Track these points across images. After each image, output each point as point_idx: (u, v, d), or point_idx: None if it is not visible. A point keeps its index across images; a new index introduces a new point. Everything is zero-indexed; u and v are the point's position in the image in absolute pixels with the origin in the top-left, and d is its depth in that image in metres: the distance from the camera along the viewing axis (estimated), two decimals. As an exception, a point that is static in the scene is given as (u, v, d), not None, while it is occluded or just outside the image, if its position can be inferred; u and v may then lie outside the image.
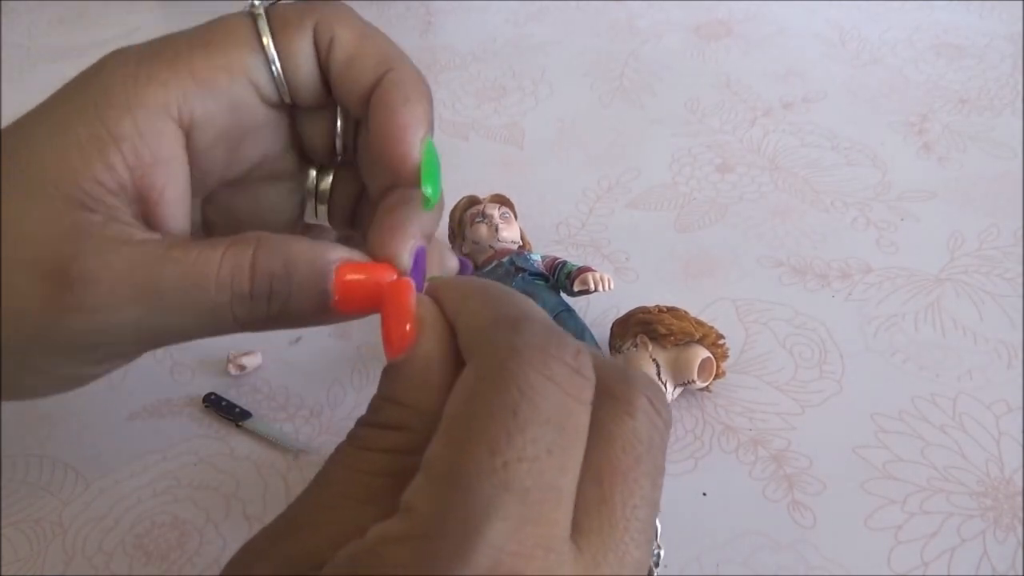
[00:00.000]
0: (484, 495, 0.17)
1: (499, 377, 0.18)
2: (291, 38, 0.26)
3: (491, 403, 0.18)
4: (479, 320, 0.20)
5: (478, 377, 0.18)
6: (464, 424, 0.18)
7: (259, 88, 0.26)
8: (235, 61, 0.25)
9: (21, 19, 0.85)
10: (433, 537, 0.16)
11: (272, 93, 0.26)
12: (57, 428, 0.43)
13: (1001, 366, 0.42)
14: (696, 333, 0.40)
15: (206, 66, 0.25)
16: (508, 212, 0.48)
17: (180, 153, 0.25)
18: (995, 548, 0.35)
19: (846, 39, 0.70)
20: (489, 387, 0.18)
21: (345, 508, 0.20)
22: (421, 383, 0.21)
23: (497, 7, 0.79)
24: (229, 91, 0.25)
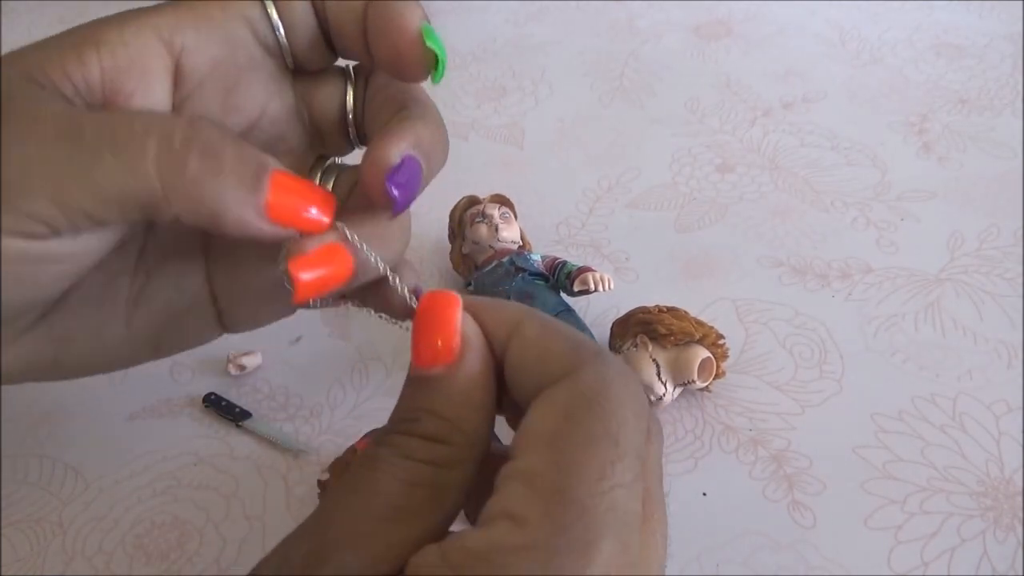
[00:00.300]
0: (598, 516, 0.18)
1: (600, 406, 0.20)
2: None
3: (595, 430, 0.19)
4: (554, 345, 0.21)
5: (577, 401, 0.20)
6: (572, 446, 0.19)
7: (254, 27, 0.25)
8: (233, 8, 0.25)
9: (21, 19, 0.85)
10: (555, 551, 0.18)
11: (268, 35, 0.26)
12: (57, 428, 0.43)
13: (1001, 366, 0.42)
14: (696, 333, 0.40)
15: (202, 3, 0.25)
16: (508, 212, 0.48)
17: (159, 69, 0.25)
18: (995, 548, 0.35)
19: (846, 39, 0.70)
20: (592, 414, 0.19)
21: (394, 520, 0.20)
22: (465, 401, 0.21)
23: (497, 7, 0.79)
24: (223, 25, 0.25)
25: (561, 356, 0.21)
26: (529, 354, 0.22)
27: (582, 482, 0.18)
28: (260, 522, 0.39)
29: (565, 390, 0.20)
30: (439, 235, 0.51)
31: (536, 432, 0.20)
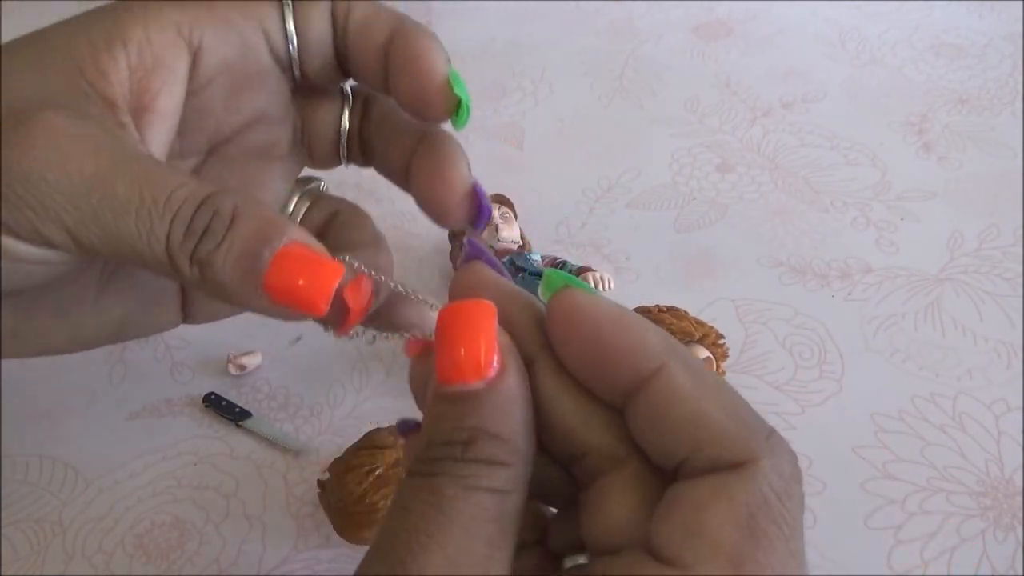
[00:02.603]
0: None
1: (785, 519, 0.18)
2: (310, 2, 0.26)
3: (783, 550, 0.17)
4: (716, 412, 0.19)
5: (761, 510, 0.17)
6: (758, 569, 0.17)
7: (269, 37, 0.26)
8: (252, 7, 0.25)
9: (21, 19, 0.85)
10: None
11: (281, 46, 0.26)
12: (57, 428, 0.43)
13: (1001, 366, 0.42)
14: (696, 333, 0.40)
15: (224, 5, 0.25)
16: (508, 212, 0.48)
17: (182, 68, 0.25)
18: (995, 548, 0.35)
19: (846, 39, 0.70)
20: (779, 530, 0.17)
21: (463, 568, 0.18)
22: (517, 416, 0.19)
23: (497, 7, 0.79)
24: (241, 29, 0.25)
25: (729, 435, 0.18)
26: (680, 413, 0.19)
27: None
28: (260, 522, 0.39)
29: (745, 490, 0.17)
30: (439, 235, 0.51)
31: (716, 542, 0.17)
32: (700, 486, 0.18)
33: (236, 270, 0.22)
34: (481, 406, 0.19)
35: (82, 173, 0.22)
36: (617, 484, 0.19)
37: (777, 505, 0.18)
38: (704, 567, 0.17)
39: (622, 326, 0.19)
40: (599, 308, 0.19)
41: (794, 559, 0.17)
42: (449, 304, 0.20)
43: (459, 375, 0.19)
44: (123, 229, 0.22)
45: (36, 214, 0.22)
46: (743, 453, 0.18)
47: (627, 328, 0.19)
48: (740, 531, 0.17)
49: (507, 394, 0.19)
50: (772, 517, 0.17)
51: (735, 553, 0.17)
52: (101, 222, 0.22)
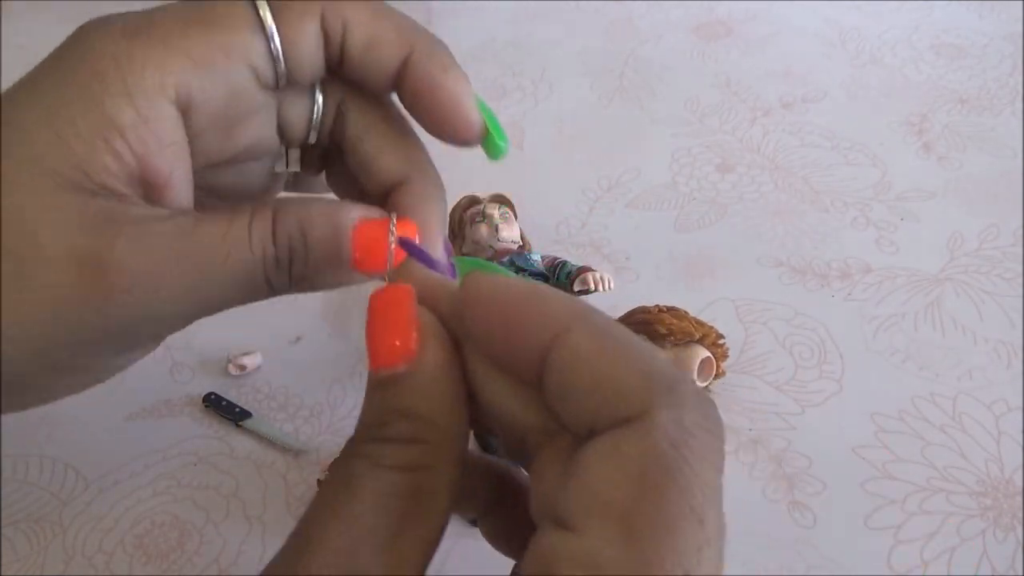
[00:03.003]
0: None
1: (683, 472, 0.16)
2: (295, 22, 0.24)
3: (679, 507, 0.16)
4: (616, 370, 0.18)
5: (654, 465, 0.16)
6: (652, 531, 0.16)
7: (258, 72, 0.25)
8: (234, 42, 0.24)
9: (21, 19, 0.85)
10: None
11: (270, 78, 0.25)
12: (57, 428, 0.43)
13: (1001, 366, 0.42)
14: (696, 333, 0.40)
15: (203, 45, 0.23)
16: (508, 212, 0.48)
17: (181, 136, 0.24)
18: (995, 548, 0.35)
19: (846, 39, 0.70)
20: (674, 485, 0.16)
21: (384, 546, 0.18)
22: (434, 393, 0.19)
23: (497, 7, 0.79)
24: (227, 74, 0.24)
25: (627, 389, 0.17)
26: (581, 374, 0.18)
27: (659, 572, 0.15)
28: (260, 522, 0.39)
29: (636, 444, 0.16)
30: (439, 235, 0.51)
31: (607, 502, 0.16)
32: (594, 445, 0.17)
33: (328, 274, 0.24)
34: (398, 389, 0.19)
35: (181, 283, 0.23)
36: (546, 459, 0.19)
37: (672, 456, 0.16)
38: (594, 529, 0.16)
39: (525, 299, 0.19)
40: (504, 286, 0.19)
41: (693, 514, 0.16)
42: (373, 293, 0.21)
43: (380, 361, 0.20)
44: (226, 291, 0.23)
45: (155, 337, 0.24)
46: (637, 406, 0.17)
47: (529, 299, 0.19)
48: (630, 487, 0.16)
49: (424, 373, 0.19)
50: (665, 469, 0.16)
51: (624, 510, 0.16)
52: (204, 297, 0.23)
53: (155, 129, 0.23)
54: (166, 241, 0.23)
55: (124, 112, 0.23)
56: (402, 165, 0.27)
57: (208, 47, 0.24)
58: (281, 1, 0.24)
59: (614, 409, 0.17)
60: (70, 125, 0.23)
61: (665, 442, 0.16)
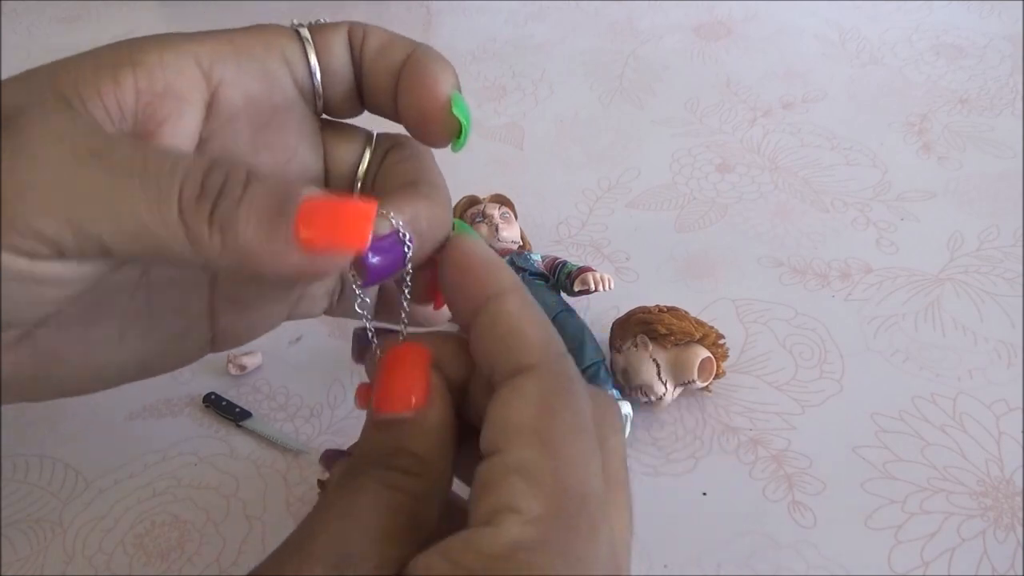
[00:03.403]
0: (593, 503, 0.19)
1: (575, 399, 0.21)
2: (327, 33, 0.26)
3: (576, 421, 0.21)
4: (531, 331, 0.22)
5: (554, 394, 0.21)
6: (560, 438, 0.20)
7: (292, 68, 0.25)
8: (272, 40, 0.25)
9: (21, 19, 0.85)
10: (570, 543, 0.19)
11: (305, 78, 0.26)
12: (57, 428, 0.43)
13: (1001, 366, 0.42)
14: (696, 333, 0.40)
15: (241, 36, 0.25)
16: (508, 212, 0.48)
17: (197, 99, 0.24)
18: (995, 548, 0.35)
19: (846, 39, 0.70)
20: (570, 407, 0.21)
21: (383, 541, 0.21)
22: (437, 442, 0.23)
23: (497, 7, 0.79)
24: (263, 60, 0.25)
25: (534, 346, 0.22)
26: (502, 330, 0.22)
27: (575, 472, 0.20)
28: (260, 522, 0.39)
29: (538, 382, 0.21)
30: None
31: (519, 424, 0.20)
32: (504, 389, 0.21)
33: (261, 227, 0.21)
34: (406, 431, 0.22)
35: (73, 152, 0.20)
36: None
37: (571, 393, 0.21)
38: (514, 445, 0.20)
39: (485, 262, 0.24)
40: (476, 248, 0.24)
41: (585, 426, 0.21)
42: (391, 348, 0.24)
43: (392, 406, 0.23)
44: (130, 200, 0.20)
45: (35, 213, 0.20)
46: (536, 356, 0.22)
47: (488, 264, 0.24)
48: (539, 413, 0.20)
49: (429, 421, 0.23)
50: (561, 399, 0.21)
51: (538, 430, 0.20)
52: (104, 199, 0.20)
53: (169, 77, 0.23)
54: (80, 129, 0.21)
55: (148, 54, 0.23)
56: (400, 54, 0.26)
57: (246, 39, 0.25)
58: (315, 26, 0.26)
59: (519, 356, 0.22)
60: (94, 55, 0.23)
61: (557, 380, 0.21)
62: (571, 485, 0.19)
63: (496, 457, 0.20)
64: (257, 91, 0.25)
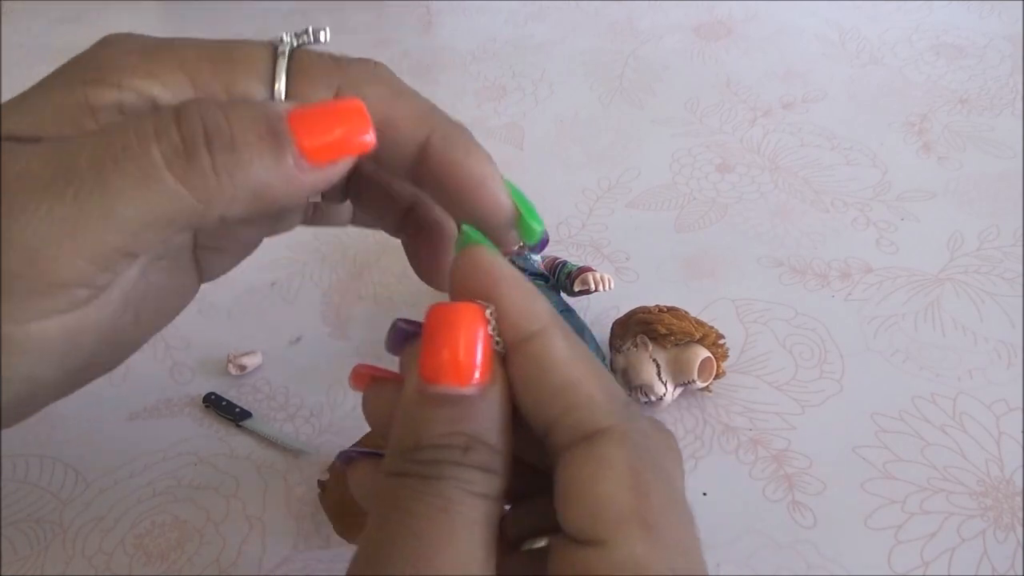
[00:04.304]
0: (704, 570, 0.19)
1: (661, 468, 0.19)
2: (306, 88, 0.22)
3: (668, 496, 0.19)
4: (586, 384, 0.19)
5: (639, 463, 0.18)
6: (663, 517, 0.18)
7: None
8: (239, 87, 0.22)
9: (21, 19, 0.85)
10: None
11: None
12: (57, 428, 0.43)
13: (1001, 366, 0.42)
14: (696, 333, 0.40)
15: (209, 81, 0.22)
16: (508, 212, 0.48)
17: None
18: (995, 548, 0.35)
19: (846, 39, 0.70)
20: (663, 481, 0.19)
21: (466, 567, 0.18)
22: (503, 426, 0.19)
23: (497, 7, 0.79)
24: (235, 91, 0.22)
25: (604, 405, 0.19)
26: (558, 381, 0.19)
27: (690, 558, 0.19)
28: (260, 522, 0.39)
29: (623, 452, 0.18)
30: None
31: (620, 511, 0.18)
32: (581, 458, 0.18)
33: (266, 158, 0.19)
34: (476, 414, 0.19)
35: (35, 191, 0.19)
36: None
37: (651, 457, 0.19)
38: (620, 535, 0.17)
39: (515, 286, 0.20)
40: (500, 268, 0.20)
41: (681, 498, 0.19)
42: (440, 306, 0.19)
43: (447, 377, 0.19)
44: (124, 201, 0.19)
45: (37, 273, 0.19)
46: (608, 418, 0.19)
47: (519, 288, 0.20)
48: (631, 491, 0.18)
49: (498, 404, 0.19)
50: (651, 469, 0.18)
51: (636, 512, 0.18)
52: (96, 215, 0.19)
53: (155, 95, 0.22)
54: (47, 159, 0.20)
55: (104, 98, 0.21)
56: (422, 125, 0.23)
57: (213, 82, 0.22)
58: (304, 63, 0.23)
59: (586, 415, 0.19)
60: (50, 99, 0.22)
61: (642, 446, 0.18)
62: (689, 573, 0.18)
63: (601, 552, 0.17)
64: None
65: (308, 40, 0.24)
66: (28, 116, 0.21)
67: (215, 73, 0.22)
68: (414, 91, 0.24)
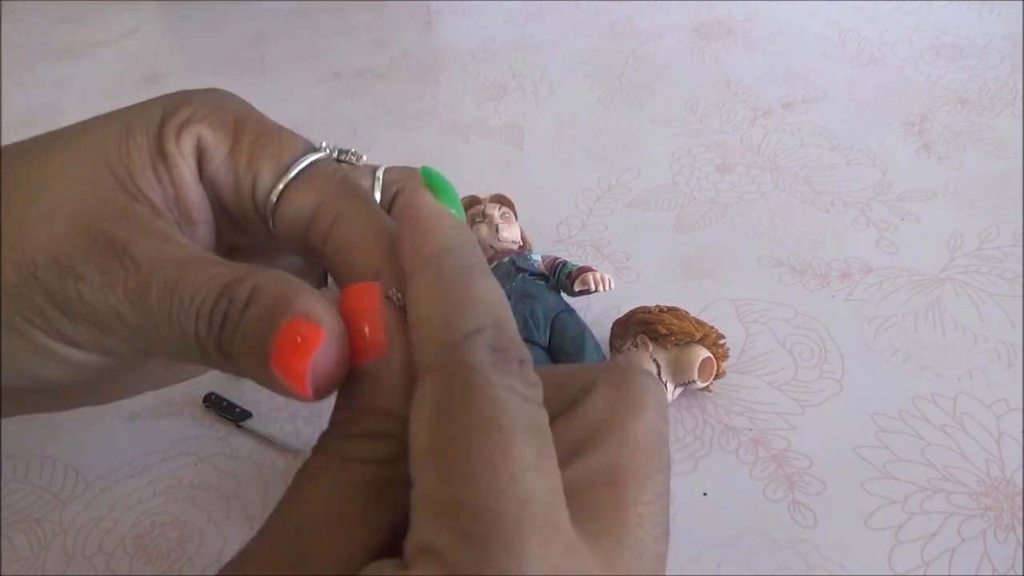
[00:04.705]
0: (510, 516, 0.16)
1: (468, 397, 0.17)
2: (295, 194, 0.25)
3: (470, 420, 0.17)
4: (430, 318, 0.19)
5: (444, 392, 0.18)
6: (451, 448, 0.17)
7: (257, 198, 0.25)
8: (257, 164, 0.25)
9: (21, 19, 0.85)
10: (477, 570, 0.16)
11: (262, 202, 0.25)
12: (57, 428, 0.43)
13: (1001, 366, 0.42)
14: (696, 333, 0.40)
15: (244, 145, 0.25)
16: (508, 212, 0.48)
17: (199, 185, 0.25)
18: (995, 548, 0.35)
19: (846, 39, 0.70)
20: (463, 403, 0.17)
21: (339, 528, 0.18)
22: (401, 389, 0.20)
23: (497, 7, 0.79)
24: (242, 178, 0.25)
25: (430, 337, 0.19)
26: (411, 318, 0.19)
27: (479, 483, 0.16)
28: (260, 522, 0.38)
29: (429, 390, 0.18)
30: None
31: (418, 447, 0.17)
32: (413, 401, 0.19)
33: (250, 355, 0.21)
34: (367, 386, 0.20)
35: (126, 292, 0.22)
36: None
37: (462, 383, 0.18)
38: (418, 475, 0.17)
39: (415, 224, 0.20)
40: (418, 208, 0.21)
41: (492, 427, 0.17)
42: (342, 289, 0.21)
43: (355, 357, 0.20)
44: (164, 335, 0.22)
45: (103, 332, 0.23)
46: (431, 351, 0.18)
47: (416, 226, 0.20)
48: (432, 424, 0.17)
49: (390, 369, 0.20)
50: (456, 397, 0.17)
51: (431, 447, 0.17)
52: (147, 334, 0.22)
53: (189, 164, 0.25)
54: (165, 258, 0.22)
55: (170, 142, 0.24)
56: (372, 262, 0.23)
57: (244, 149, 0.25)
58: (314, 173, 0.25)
59: (420, 357, 0.19)
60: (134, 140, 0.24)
61: (450, 380, 0.18)
62: (472, 504, 0.16)
63: (413, 491, 0.18)
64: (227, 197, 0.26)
65: (350, 159, 0.27)
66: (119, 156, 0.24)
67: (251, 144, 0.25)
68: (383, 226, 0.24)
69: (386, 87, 0.70)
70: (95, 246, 0.22)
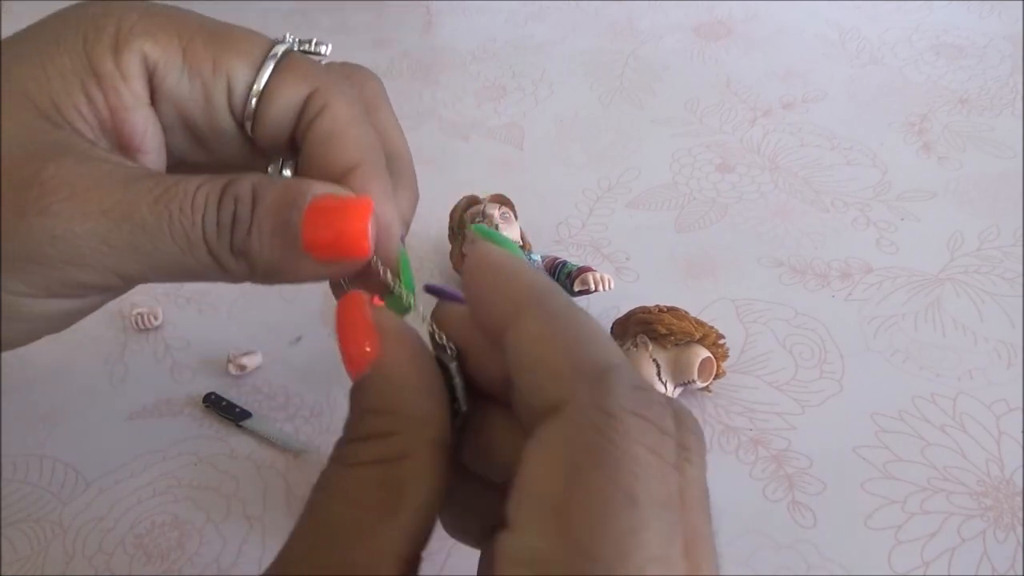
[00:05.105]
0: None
1: (606, 455, 0.16)
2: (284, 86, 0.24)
3: (606, 491, 0.15)
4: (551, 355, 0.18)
5: (579, 452, 0.16)
6: (582, 519, 0.15)
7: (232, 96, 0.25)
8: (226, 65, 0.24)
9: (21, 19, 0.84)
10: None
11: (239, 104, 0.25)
12: (57, 428, 0.43)
13: (1001, 366, 0.42)
14: (696, 333, 0.40)
15: (200, 53, 0.24)
16: (508, 212, 0.48)
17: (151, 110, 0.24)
18: (995, 548, 0.35)
19: (846, 39, 0.70)
20: (600, 469, 0.16)
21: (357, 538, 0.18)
22: (400, 386, 0.20)
23: (497, 7, 0.79)
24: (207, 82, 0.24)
25: (557, 375, 0.17)
26: (525, 360, 0.18)
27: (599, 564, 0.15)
28: (260, 522, 0.39)
29: (559, 432, 0.17)
30: (439, 235, 0.51)
31: (534, 495, 0.16)
32: (530, 442, 0.17)
33: (274, 245, 0.22)
34: (365, 392, 0.20)
35: (104, 212, 0.21)
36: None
37: (601, 447, 0.16)
38: (528, 524, 0.16)
39: (492, 277, 0.20)
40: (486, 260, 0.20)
41: (627, 502, 0.15)
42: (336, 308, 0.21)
43: (351, 367, 0.20)
44: (164, 250, 0.22)
45: (77, 267, 0.22)
46: (560, 393, 0.17)
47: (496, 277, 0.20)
48: (558, 477, 0.16)
49: (386, 369, 0.20)
50: (595, 462, 0.16)
51: (554, 502, 0.16)
52: (141, 251, 0.22)
53: (132, 87, 0.23)
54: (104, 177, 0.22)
55: (105, 63, 0.23)
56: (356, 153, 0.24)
57: (203, 54, 0.24)
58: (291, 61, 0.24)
59: (543, 397, 0.17)
60: (54, 62, 0.23)
61: (588, 429, 0.16)
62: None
63: (508, 536, 0.16)
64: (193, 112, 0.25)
65: (308, 48, 0.26)
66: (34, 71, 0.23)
67: (208, 47, 0.24)
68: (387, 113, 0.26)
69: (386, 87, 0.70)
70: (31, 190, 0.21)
